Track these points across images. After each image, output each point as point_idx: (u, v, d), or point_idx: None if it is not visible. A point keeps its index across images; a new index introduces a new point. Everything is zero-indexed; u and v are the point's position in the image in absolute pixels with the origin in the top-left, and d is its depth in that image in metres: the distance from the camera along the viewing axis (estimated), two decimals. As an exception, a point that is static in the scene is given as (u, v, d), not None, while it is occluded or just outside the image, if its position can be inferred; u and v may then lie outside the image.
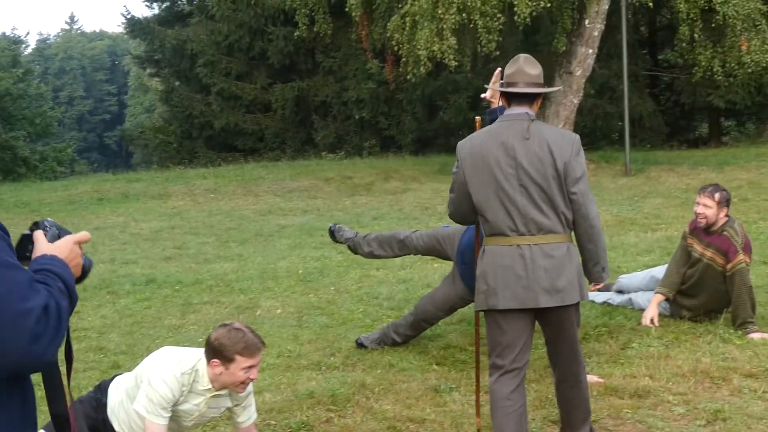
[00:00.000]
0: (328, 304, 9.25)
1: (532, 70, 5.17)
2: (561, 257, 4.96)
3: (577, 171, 4.98)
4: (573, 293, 4.98)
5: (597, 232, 5.09)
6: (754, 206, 14.91)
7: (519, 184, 4.96)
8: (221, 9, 32.02)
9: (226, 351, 4.68)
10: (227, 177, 21.59)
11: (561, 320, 5.10)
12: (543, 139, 4.98)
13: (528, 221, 4.96)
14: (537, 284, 4.92)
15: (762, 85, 26.50)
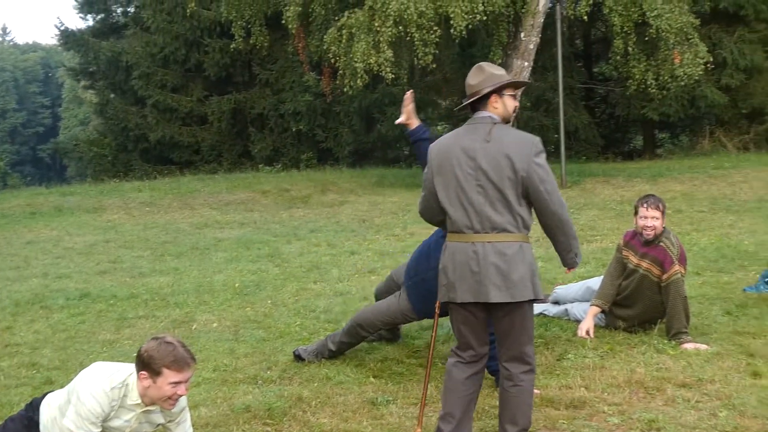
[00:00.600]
0: (265, 317, 9.19)
1: (471, 80, 5.49)
2: (512, 255, 5.18)
3: (540, 172, 5.24)
4: (524, 291, 5.20)
5: (566, 224, 5.37)
6: (687, 217, 15.10)
7: (477, 184, 5.22)
8: (156, 21, 31.86)
9: (155, 364, 4.64)
10: (163, 190, 21.41)
11: (512, 317, 5.29)
12: (503, 142, 5.24)
13: (483, 220, 5.21)
14: (488, 280, 5.17)
15: (695, 98, 26.94)
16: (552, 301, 8.92)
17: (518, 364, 5.37)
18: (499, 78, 5.47)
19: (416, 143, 6.82)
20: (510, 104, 5.49)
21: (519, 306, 5.25)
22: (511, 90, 5.54)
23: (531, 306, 5.38)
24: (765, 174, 19.92)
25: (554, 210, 5.28)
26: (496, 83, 5.42)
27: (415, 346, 7.80)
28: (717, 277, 10.34)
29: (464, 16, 18.38)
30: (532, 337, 5.44)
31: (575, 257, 5.50)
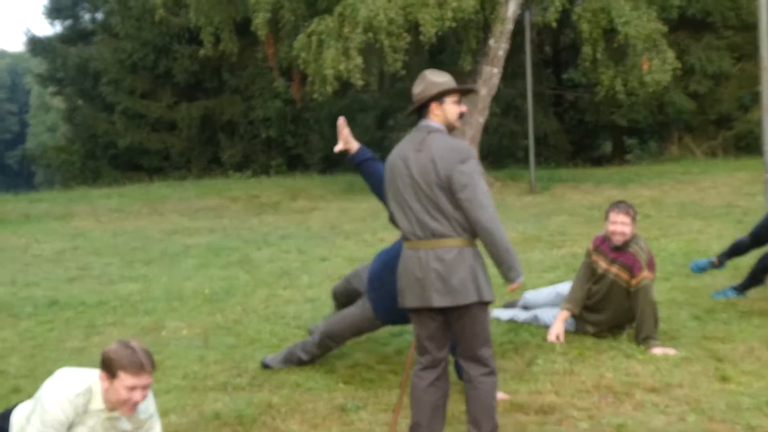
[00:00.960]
0: (235, 324, 9.16)
1: (415, 89, 5.58)
2: (451, 260, 5.25)
3: (462, 179, 5.25)
4: (466, 294, 5.26)
5: (492, 235, 5.28)
6: (656, 223, 15.18)
7: (413, 193, 5.35)
8: (125, 27, 31.76)
9: (112, 365, 4.64)
10: (132, 196, 21.32)
11: (462, 320, 5.37)
12: (431, 150, 5.32)
13: (423, 227, 5.32)
14: (430, 285, 5.28)
15: (663, 104, 27.16)
16: (521, 307, 8.94)
17: (476, 366, 5.44)
18: (439, 85, 5.50)
19: (360, 165, 6.84)
20: (451, 111, 5.53)
21: (466, 309, 5.32)
22: (454, 96, 5.55)
23: (482, 309, 5.40)
24: (733, 180, 20.08)
25: (476, 217, 5.26)
26: (433, 91, 5.47)
27: (385, 352, 7.79)
28: (685, 282, 10.39)
29: (434, 22, 18.42)
30: (487, 339, 5.46)
31: (508, 271, 5.38)
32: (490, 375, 5.44)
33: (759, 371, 6.82)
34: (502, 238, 5.31)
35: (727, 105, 28.26)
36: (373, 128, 30.43)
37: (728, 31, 28.11)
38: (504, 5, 20.59)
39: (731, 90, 28.40)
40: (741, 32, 27.97)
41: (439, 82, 5.52)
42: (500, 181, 21.62)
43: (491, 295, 5.40)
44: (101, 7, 36.93)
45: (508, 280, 5.43)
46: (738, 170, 21.53)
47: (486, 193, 5.32)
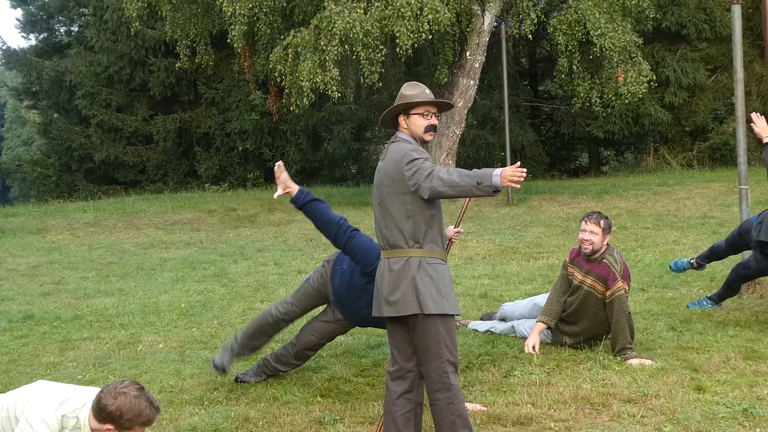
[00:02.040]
0: (211, 337, 9.14)
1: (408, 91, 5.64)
2: (398, 270, 5.34)
3: (411, 171, 5.29)
4: (407, 305, 5.30)
5: (450, 185, 5.20)
6: (632, 234, 15.25)
7: (378, 203, 5.47)
8: (100, 40, 31.64)
9: (125, 422, 4.58)
10: (108, 210, 21.21)
11: (415, 332, 5.42)
12: (387, 159, 5.45)
13: (382, 237, 5.46)
14: (381, 294, 5.40)
15: (639, 116, 27.27)
16: (499, 318, 8.97)
17: (429, 381, 5.45)
18: (406, 98, 5.56)
19: (303, 207, 6.81)
20: (417, 123, 5.55)
21: (415, 321, 5.35)
22: (420, 109, 5.56)
23: (430, 322, 5.35)
24: (708, 191, 20.18)
25: (431, 192, 5.23)
26: (399, 103, 5.52)
27: (362, 364, 7.79)
28: (661, 293, 10.46)
29: (410, 35, 18.44)
30: (440, 355, 5.39)
31: (480, 185, 5.15)
32: (443, 391, 5.38)
33: (734, 381, 6.86)
34: (461, 175, 5.21)
35: (702, 116, 28.41)
36: (350, 140, 30.41)
37: (702, 43, 28.28)
38: (480, 18, 20.66)
39: (706, 101, 28.55)
40: (715, 44, 28.17)
41: (408, 95, 5.56)
42: (477, 193, 21.60)
43: (442, 308, 5.34)
44: (76, 20, 36.81)
45: (492, 189, 5.18)
46: (713, 181, 21.64)
47: (439, 168, 5.29)
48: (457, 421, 5.38)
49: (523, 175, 5.11)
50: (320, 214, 6.76)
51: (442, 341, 5.38)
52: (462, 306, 9.87)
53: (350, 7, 18.51)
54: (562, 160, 35.49)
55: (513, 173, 5.11)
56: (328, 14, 18.35)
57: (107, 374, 7.79)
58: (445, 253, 5.53)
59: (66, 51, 35.93)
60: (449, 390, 5.38)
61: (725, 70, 27.90)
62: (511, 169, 5.14)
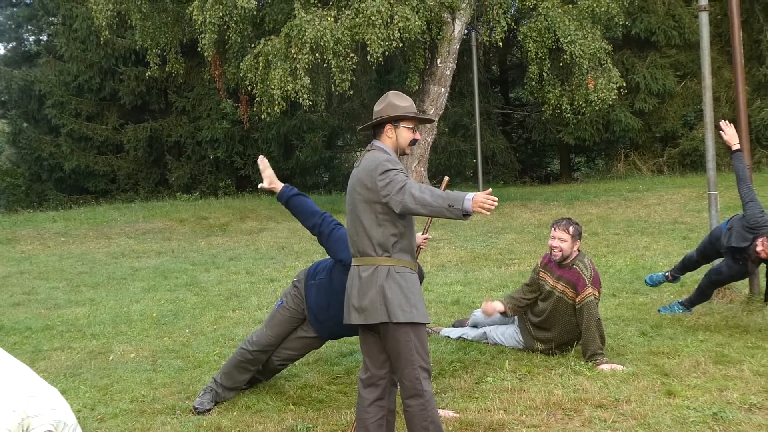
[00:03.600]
0: (183, 346, 9.10)
1: (376, 107, 5.64)
2: (366, 278, 5.35)
3: (384, 182, 5.30)
4: (375, 314, 5.32)
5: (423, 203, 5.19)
6: (603, 240, 15.31)
7: (350, 210, 5.48)
8: (70, 49, 31.50)
9: None
10: (78, 220, 21.10)
11: (385, 339, 5.43)
12: (362, 167, 5.46)
13: (353, 244, 5.47)
14: (350, 302, 5.42)
15: (609, 122, 27.45)
16: (471, 325, 8.98)
17: (402, 388, 5.46)
18: (399, 109, 5.57)
19: (288, 202, 6.93)
20: (404, 136, 5.60)
21: (385, 329, 5.36)
22: (409, 123, 5.61)
23: (400, 330, 5.36)
24: (678, 196, 20.31)
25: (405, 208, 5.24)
26: (390, 113, 5.54)
27: (334, 372, 7.78)
28: (632, 298, 10.50)
29: (380, 42, 18.48)
30: (412, 362, 5.38)
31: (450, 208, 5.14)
32: (416, 398, 5.39)
33: (704, 385, 6.90)
34: (433, 195, 5.21)
35: (672, 123, 28.62)
36: (322, 148, 30.43)
37: (672, 49, 28.49)
38: (450, 25, 20.74)
39: (676, 108, 28.77)
40: (684, 51, 28.39)
41: (400, 106, 5.58)
42: (449, 200, 21.66)
43: (411, 317, 5.34)
44: (45, 29, 36.64)
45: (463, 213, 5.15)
46: (683, 187, 21.80)
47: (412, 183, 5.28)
48: (430, 427, 5.39)
49: (495, 203, 5.12)
50: (305, 206, 6.91)
51: (414, 348, 5.38)
52: (434, 313, 9.89)
53: (321, 15, 18.55)
54: (533, 167, 35.66)
55: (484, 200, 5.12)
56: (299, 22, 18.36)
57: (78, 384, 7.75)
58: (414, 263, 5.53)
59: (35, 60, 35.72)
60: (422, 396, 5.38)
61: (694, 77, 28.12)
62: (482, 195, 5.14)
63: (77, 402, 7.22)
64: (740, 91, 9.96)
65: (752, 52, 26.88)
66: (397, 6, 18.67)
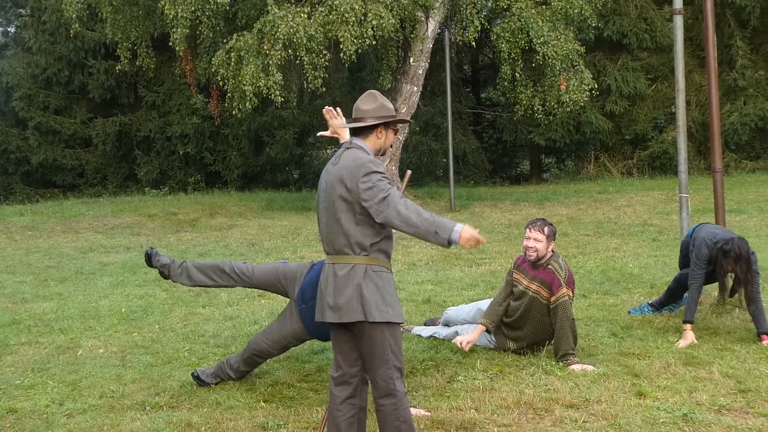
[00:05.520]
0: (153, 342, 9.04)
1: (363, 105, 5.56)
2: (343, 277, 5.32)
3: (365, 190, 5.27)
4: (351, 312, 5.30)
5: (408, 220, 5.22)
6: (573, 241, 15.37)
7: (325, 207, 5.43)
8: (38, 41, 31.25)
9: None
10: (46, 214, 20.94)
11: (359, 338, 5.42)
12: (341, 164, 5.38)
13: (329, 242, 5.43)
14: (324, 300, 5.38)
15: (580, 124, 27.59)
16: (443, 323, 8.98)
17: (375, 387, 5.44)
18: (392, 112, 5.59)
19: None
20: (390, 138, 5.66)
21: (360, 327, 5.34)
22: (397, 125, 5.71)
23: (376, 329, 5.34)
24: (648, 198, 20.43)
25: (388, 220, 5.24)
26: (386, 115, 5.52)
27: (305, 370, 7.75)
28: (603, 299, 10.54)
29: (354, 40, 18.44)
30: (385, 361, 5.37)
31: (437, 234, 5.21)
32: (389, 397, 5.39)
33: (674, 386, 6.93)
34: (419, 216, 5.23)
35: (643, 125, 28.81)
36: (293, 145, 30.36)
37: (643, 52, 28.69)
38: (423, 24, 20.74)
39: (646, 110, 28.97)
40: (656, 54, 28.59)
41: (390, 108, 5.62)
42: (420, 199, 21.70)
43: (387, 317, 5.33)
44: (13, 20, 36.27)
45: (443, 242, 5.22)
46: (653, 189, 21.94)
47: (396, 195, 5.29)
48: (403, 426, 5.38)
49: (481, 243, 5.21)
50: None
51: (389, 347, 5.37)
52: (405, 311, 9.87)
53: (294, 12, 18.49)
54: (503, 167, 35.77)
55: (471, 237, 5.17)
56: (272, 18, 18.29)
57: (46, 379, 7.68)
58: (389, 262, 5.52)
59: (3, 52, 35.41)
60: (395, 396, 5.38)
61: (665, 80, 28.32)
62: (471, 232, 5.18)
63: (45, 397, 7.16)
64: (713, 94, 10.01)
65: (722, 56, 27.06)
66: (370, 4, 18.65)
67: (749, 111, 27.08)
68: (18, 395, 7.27)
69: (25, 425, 6.52)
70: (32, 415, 6.75)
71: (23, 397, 7.20)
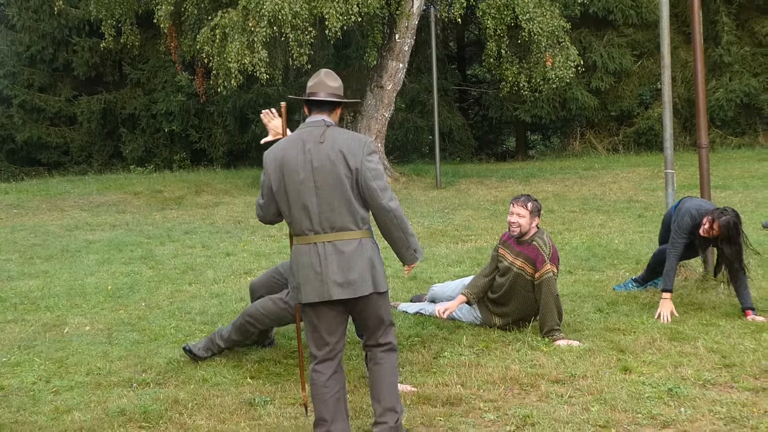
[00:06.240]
0: (139, 320, 9.04)
1: (332, 83, 5.63)
2: (351, 252, 5.35)
3: (372, 170, 5.38)
4: (364, 286, 5.37)
5: (401, 221, 5.49)
6: (559, 218, 15.40)
7: (314, 186, 5.35)
8: (22, 19, 31.03)
9: None
10: (31, 192, 20.87)
11: (362, 310, 5.50)
12: (336, 142, 5.37)
13: (322, 220, 5.36)
14: (329, 279, 5.33)
15: (566, 100, 27.59)
16: (429, 300, 9.00)
17: (376, 348, 5.62)
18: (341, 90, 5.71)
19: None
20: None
21: (367, 300, 5.44)
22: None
23: (382, 297, 5.52)
24: (633, 175, 20.48)
25: (388, 207, 5.40)
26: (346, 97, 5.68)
27: (292, 346, 7.76)
28: (588, 275, 10.58)
29: (339, 17, 18.40)
30: (390, 321, 5.63)
31: (414, 253, 5.62)
32: (390, 352, 5.61)
33: (659, 361, 6.96)
34: (407, 223, 5.53)
35: (628, 101, 28.84)
36: (278, 123, 30.27)
37: (629, 28, 28.68)
38: (409, 0, 20.68)
39: (632, 87, 28.98)
40: (641, 30, 28.59)
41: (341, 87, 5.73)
42: (406, 176, 21.70)
43: (386, 285, 5.53)
44: (-3, -2, 36.13)
45: (411, 260, 5.63)
46: (638, 166, 22.00)
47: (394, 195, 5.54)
48: (397, 383, 5.67)
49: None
50: None
51: (389, 309, 5.67)
52: (392, 288, 9.88)
53: (279, -12, 18.40)
54: (489, 144, 35.76)
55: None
56: (257, -5, 18.21)
57: (33, 357, 7.68)
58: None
59: (-14, 30, 35.23)
60: (395, 351, 5.66)
61: (651, 56, 28.32)
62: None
63: (32, 374, 7.17)
64: (699, 70, 10.00)
65: (708, 32, 27.07)
66: (355, -20, 18.60)
67: (735, 87, 27.13)
68: (4, 372, 7.26)
69: (11, 402, 6.52)
70: (19, 392, 6.75)
71: (10, 375, 7.20)
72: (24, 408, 6.39)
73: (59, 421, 6.09)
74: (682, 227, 8.64)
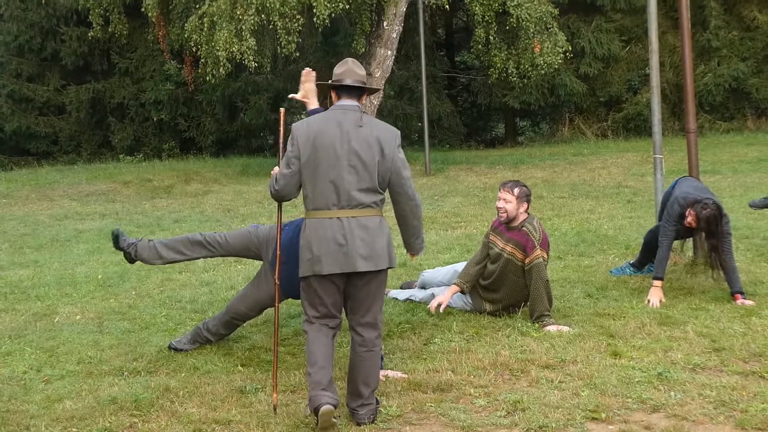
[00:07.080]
0: (130, 308, 9.05)
1: (360, 71, 6.00)
2: (374, 228, 5.70)
3: (402, 160, 5.83)
4: (384, 260, 5.71)
5: (420, 212, 6.03)
6: (548, 204, 15.42)
7: (348, 164, 5.62)
8: (9, 8, 30.89)
9: None
10: (20, 181, 20.84)
11: (370, 285, 5.73)
12: (373, 128, 5.78)
13: (350, 198, 5.62)
14: (355, 251, 5.62)
15: (554, 86, 27.57)
16: (419, 286, 9.01)
17: (372, 330, 5.81)
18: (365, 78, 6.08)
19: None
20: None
21: (376, 275, 5.73)
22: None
23: (386, 275, 5.85)
24: (622, 160, 20.51)
25: (413, 195, 5.90)
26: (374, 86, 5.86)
27: (282, 334, 7.77)
28: (578, 261, 10.60)
29: (327, 4, 18.37)
30: (382, 303, 5.90)
31: (422, 243, 6.20)
32: (379, 337, 5.91)
33: (649, 346, 6.98)
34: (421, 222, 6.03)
35: (617, 87, 28.84)
36: (267, 110, 30.17)
37: (617, 14, 28.65)
38: (397, -13, 20.65)
39: (620, 72, 28.98)
40: (629, 15, 28.54)
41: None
42: (395, 163, 21.69)
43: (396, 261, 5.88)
44: (-17, -13, 35.98)
45: (418, 250, 6.21)
46: (627, 151, 22.02)
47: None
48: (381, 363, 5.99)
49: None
50: None
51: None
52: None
53: (267, -24, 18.37)
54: (478, 131, 35.72)
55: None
56: (245, -17, 18.17)
57: (24, 346, 7.68)
58: None
59: (-27, 19, 35.08)
60: (381, 336, 5.99)
61: (639, 41, 28.30)
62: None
63: (23, 364, 7.17)
64: (687, 55, 10.01)
65: (696, 17, 27.05)
66: (343, -33, 18.56)
67: (723, 72, 27.16)
68: (-5, 362, 7.27)
69: (3, 391, 6.52)
70: (10, 382, 6.75)
71: (1, 364, 7.20)
72: (15, 397, 6.39)
73: (51, 409, 6.10)
74: (671, 216, 8.67)
